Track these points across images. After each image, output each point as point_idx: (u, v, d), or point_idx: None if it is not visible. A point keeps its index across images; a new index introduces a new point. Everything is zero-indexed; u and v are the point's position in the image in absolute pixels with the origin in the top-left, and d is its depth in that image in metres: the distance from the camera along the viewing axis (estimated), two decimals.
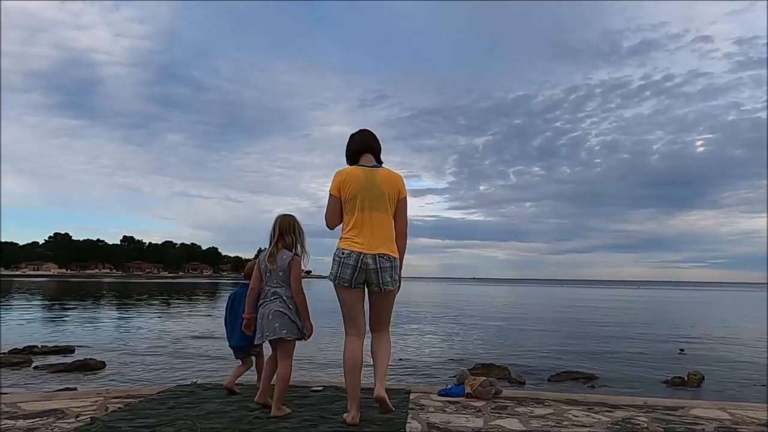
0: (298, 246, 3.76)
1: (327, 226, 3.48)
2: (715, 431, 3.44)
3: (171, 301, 35.73)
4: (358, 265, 3.29)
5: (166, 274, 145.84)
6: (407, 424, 3.46)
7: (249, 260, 4.62)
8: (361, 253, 3.30)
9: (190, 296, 42.15)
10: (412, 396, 4.32)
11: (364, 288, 3.41)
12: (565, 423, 3.59)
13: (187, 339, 15.35)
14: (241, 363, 4.42)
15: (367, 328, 3.52)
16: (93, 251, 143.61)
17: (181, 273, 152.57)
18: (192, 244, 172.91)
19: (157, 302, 33.59)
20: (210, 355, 12.28)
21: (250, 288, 3.79)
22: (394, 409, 3.43)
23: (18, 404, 3.90)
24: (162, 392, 4.34)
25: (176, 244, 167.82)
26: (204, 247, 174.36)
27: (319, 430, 3.32)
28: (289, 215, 3.80)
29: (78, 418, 3.53)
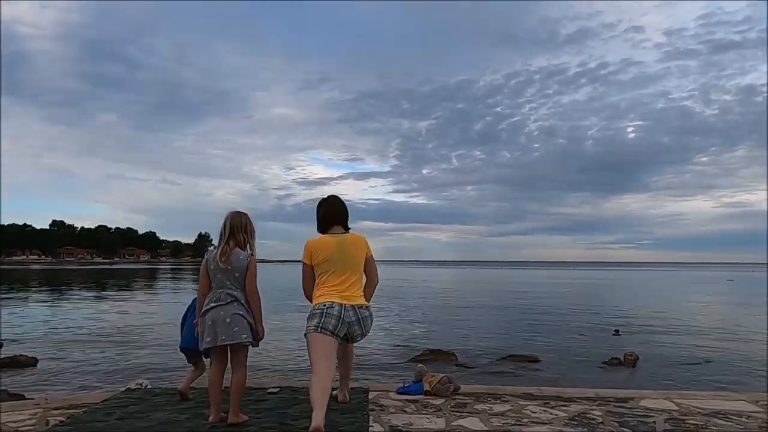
0: (249, 245, 3.58)
1: (306, 295, 3.65)
2: (666, 424, 3.56)
3: (107, 288, 34.34)
4: (342, 317, 3.40)
5: (100, 260, 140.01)
6: (369, 428, 3.41)
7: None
8: (342, 304, 3.43)
9: (128, 283, 40.65)
10: (370, 395, 4.27)
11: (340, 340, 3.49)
12: (525, 420, 3.64)
13: (126, 329, 14.74)
14: (193, 367, 4.24)
15: None
16: (20, 237, 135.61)
17: (117, 258, 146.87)
18: (128, 228, 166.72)
19: (92, 290, 32.18)
20: (152, 347, 11.84)
21: (200, 292, 3.55)
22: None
23: None
24: (107, 401, 4.11)
25: (111, 228, 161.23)
26: (141, 232, 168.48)
27: None
28: (242, 213, 3.61)
29: None
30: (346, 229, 3.77)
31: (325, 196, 3.84)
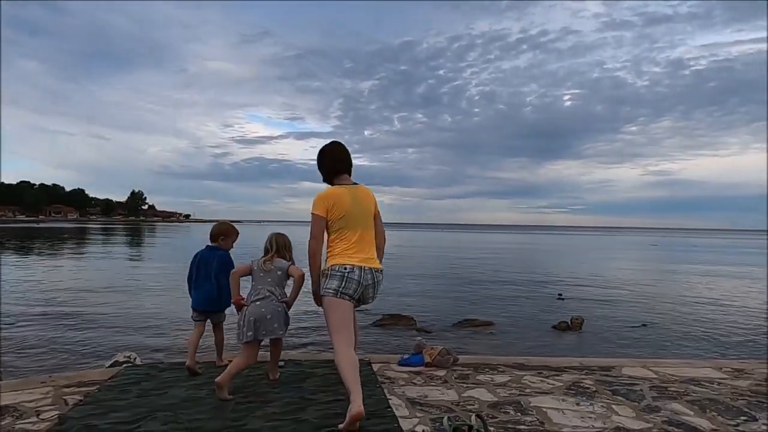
0: (289, 257, 4.08)
1: (312, 247, 3.43)
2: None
3: (34, 247, 32.65)
4: (361, 281, 3.39)
5: (23, 218, 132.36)
6: (389, 400, 3.60)
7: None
8: (362, 267, 3.41)
9: (60, 243, 38.78)
10: (374, 368, 4.46)
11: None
12: (527, 390, 3.94)
13: (70, 294, 14.11)
14: (194, 328, 4.33)
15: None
16: None
17: (42, 216, 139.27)
18: (54, 185, 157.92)
19: (18, 249, 30.51)
20: (104, 314, 11.46)
21: (234, 272, 3.95)
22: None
23: None
24: (115, 377, 4.09)
25: (34, 184, 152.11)
26: (68, 189, 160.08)
27: (306, 412, 3.37)
28: (284, 235, 4.10)
29: (40, 416, 3.26)
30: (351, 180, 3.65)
31: (328, 143, 3.70)
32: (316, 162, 3.67)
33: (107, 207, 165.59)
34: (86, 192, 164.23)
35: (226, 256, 4.39)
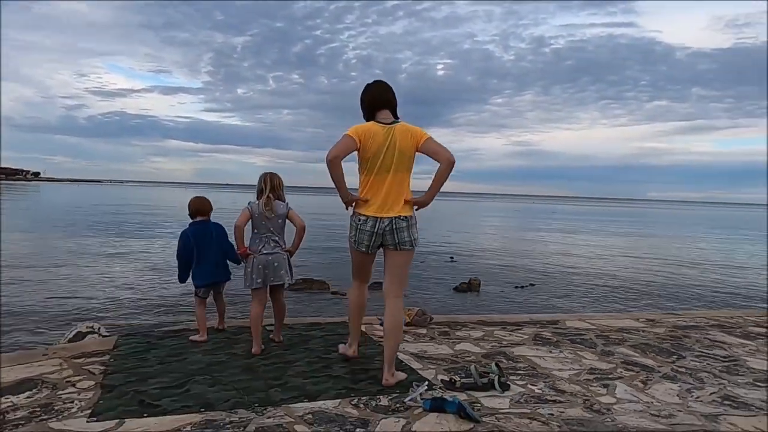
0: (283, 197, 4.17)
1: (329, 160, 3.27)
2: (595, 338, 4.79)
3: None
4: (375, 230, 3.43)
5: None
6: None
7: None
8: (377, 218, 3.42)
9: None
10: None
11: (377, 250, 3.57)
12: (505, 342, 4.60)
13: None
14: (198, 303, 4.44)
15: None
16: None
17: None
18: None
19: None
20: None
21: (237, 226, 4.00)
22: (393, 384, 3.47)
23: None
24: (119, 347, 4.10)
25: None
26: None
27: (333, 369, 3.73)
28: (277, 174, 4.14)
29: (77, 386, 3.29)
30: (396, 117, 3.55)
31: (371, 81, 3.63)
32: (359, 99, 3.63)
33: None
34: None
35: (222, 226, 4.50)
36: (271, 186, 4.04)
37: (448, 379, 3.51)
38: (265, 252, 4.01)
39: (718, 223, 51.32)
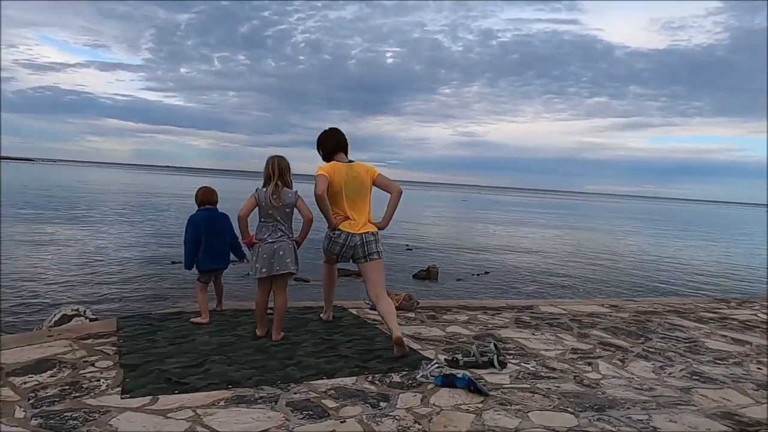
0: (291, 183, 4.12)
1: (318, 195, 3.99)
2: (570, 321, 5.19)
3: None
4: (346, 243, 4.13)
5: None
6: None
7: (204, 188, 4.59)
8: (349, 234, 4.13)
9: None
10: (353, 312, 5.08)
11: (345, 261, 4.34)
12: (489, 325, 4.92)
13: None
14: (200, 288, 4.52)
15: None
16: None
17: None
18: None
19: None
20: None
21: (241, 216, 3.97)
22: (408, 351, 3.86)
23: None
24: (123, 329, 4.14)
25: None
26: None
27: (340, 349, 3.93)
28: (284, 157, 4.10)
29: (95, 365, 3.36)
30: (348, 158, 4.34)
31: (326, 128, 4.42)
32: (316, 144, 4.42)
33: None
34: None
35: (229, 218, 4.57)
36: (279, 172, 3.97)
37: (450, 358, 3.78)
38: (270, 241, 3.98)
39: (651, 217, 54.21)
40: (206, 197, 4.55)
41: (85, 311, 5.43)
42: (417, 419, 2.84)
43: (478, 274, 13.39)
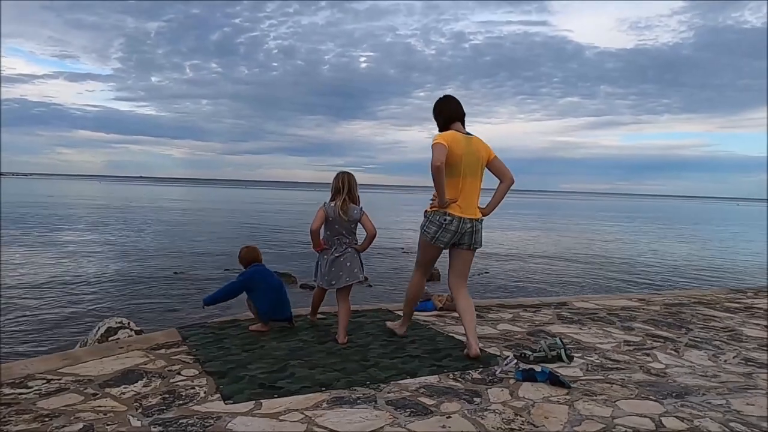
0: (359, 200, 4.31)
1: (437, 167, 3.60)
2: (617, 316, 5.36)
3: None
4: (458, 230, 3.82)
5: None
6: (453, 336, 4.40)
7: (248, 247, 4.69)
8: (461, 218, 3.80)
9: None
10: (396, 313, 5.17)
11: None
12: (536, 321, 5.06)
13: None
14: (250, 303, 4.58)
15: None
16: None
17: None
18: None
19: None
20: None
21: (314, 229, 4.16)
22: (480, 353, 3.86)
23: (58, 371, 3.39)
24: (190, 338, 4.16)
25: None
26: None
27: (408, 350, 4.02)
28: (352, 174, 4.30)
29: (182, 373, 3.40)
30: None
31: (443, 95, 4.03)
32: (432, 112, 4.02)
33: None
34: None
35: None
36: (348, 187, 4.16)
37: (519, 354, 3.90)
38: (336, 254, 4.17)
39: (633, 214, 55.27)
40: (253, 256, 4.61)
41: (129, 323, 5.43)
42: (516, 412, 2.96)
43: (479, 274, 13.54)
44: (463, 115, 3.99)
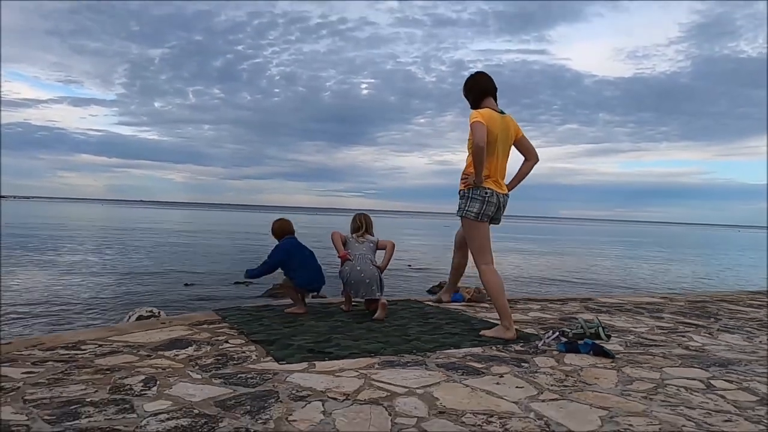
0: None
1: (480, 147, 3.60)
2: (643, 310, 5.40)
3: None
4: (499, 204, 3.90)
5: None
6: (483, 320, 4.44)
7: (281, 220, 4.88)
8: (499, 193, 3.90)
9: None
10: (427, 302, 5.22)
11: None
12: (565, 311, 5.10)
13: None
14: (287, 286, 4.66)
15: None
16: None
17: None
18: None
19: None
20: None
21: (337, 236, 4.69)
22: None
23: (107, 338, 3.44)
24: (228, 318, 4.21)
25: None
26: None
27: (445, 328, 4.05)
28: (368, 215, 4.90)
29: (229, 341, 3.44)
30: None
31: (474, 72, 4.03)
32: (462, 90, 4.03)
33: None
34: None
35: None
36: (366, 224, 4.79)
37: (560, 332, 3.94)
38: (358, 268, 4.50)
39: (639, 240, 55.25)
40: (285, 228, 4.75)
41: (159, 312, 5.47)
42: (567, 374, 3.00)
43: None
44: (495, 89, 3.96)
